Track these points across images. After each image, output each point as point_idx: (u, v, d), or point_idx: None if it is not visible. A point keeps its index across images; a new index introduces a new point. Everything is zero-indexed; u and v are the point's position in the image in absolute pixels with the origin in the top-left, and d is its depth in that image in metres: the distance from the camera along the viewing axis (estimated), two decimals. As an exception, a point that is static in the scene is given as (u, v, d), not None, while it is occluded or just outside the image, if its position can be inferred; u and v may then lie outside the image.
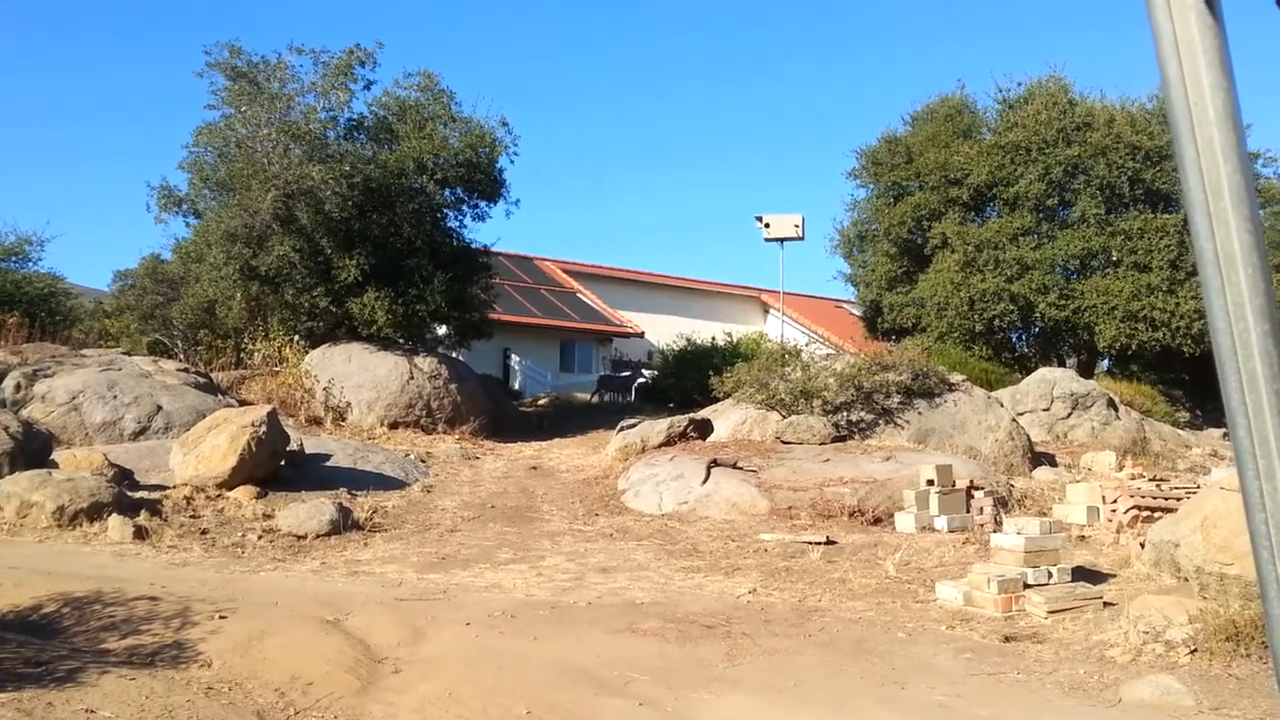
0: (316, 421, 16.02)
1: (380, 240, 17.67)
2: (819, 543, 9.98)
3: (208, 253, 17.73)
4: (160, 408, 14.32)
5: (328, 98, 17.53)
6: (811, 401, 15.14)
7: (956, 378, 16.15)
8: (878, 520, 11.02)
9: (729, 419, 15.54)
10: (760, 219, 23.67)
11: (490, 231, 56.92)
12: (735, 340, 25.37)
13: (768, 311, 34.23)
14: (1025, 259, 21.93)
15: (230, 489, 11.10)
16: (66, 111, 79.33)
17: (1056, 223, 23.05)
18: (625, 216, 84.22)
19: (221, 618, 6.42)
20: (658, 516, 11.60)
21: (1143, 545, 8.49)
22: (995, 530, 9.22)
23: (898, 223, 23.81)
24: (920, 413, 15.15)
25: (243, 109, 17.27)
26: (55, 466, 10.84)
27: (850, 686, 5.78)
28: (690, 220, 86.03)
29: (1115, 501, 10.15)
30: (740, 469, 12.65)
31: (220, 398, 15.52)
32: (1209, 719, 5.20)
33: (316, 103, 17.54)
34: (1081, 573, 8.01)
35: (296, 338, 18.15)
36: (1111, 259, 22.12)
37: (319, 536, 9.95)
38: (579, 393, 26.00)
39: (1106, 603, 7.43)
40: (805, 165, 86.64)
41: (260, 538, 9.78)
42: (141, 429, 13.92)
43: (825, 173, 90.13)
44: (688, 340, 25.55)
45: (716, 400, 17.07)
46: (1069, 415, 17.23)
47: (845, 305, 33.79)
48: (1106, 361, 24.17)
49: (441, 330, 20.62)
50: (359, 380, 16.80)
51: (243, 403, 15.17)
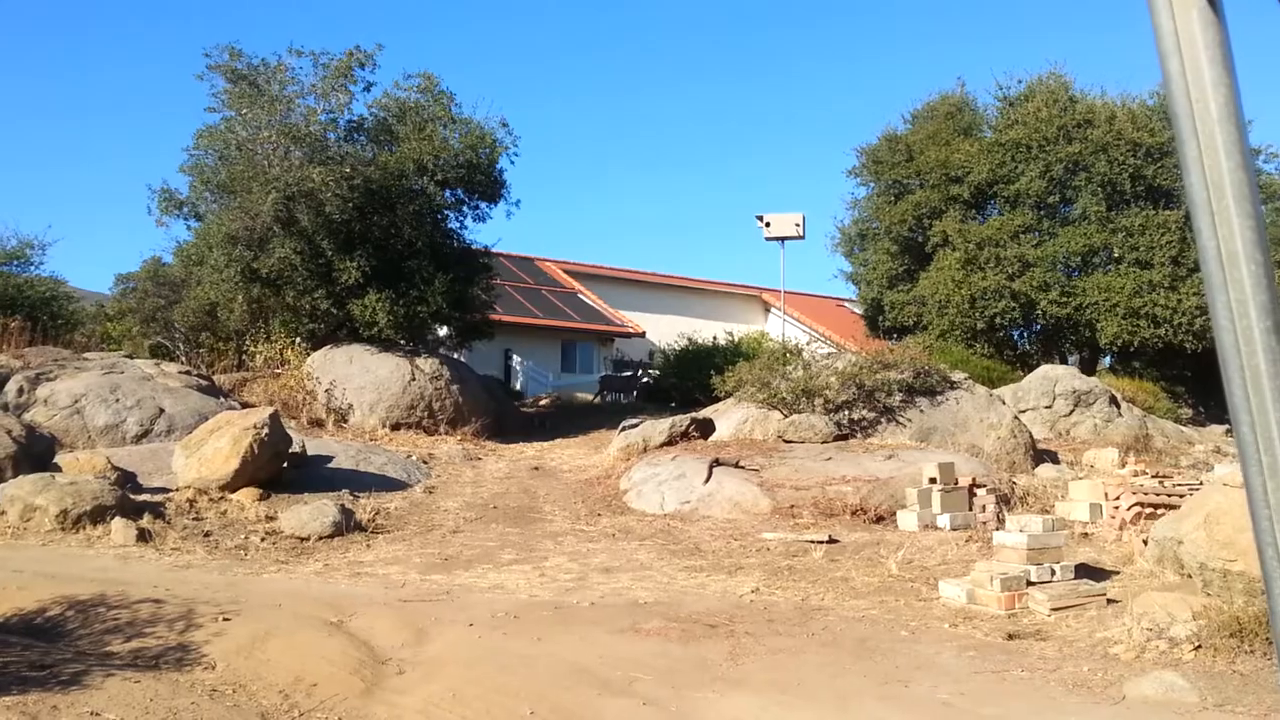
0: (318, 423, 16.03)
1: (381, 242, 17.68)
2: (821, 541, 9.98)
3: (209, 255, 17.75)
4: (162, 410, 14.34)
5: (328, 100, 17.55)
6: (813, 400, 15.15)
7: (958, 376, 16.14)
8: (880, 519, 11.01)
9: (731, 418, 15.54)
10: (761, 218, 23.68)
11: (491, 232, 57.08)
12: (736, 339, 25.39)
13: (769, 310, 34.22)
14: (1026, 256, 21.91)
15: (233, 491, 11.12)
16: (67, 113, 79.49)
17: (1058, 220, 23.03)
18: (626, 216, 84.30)
19: (225, 620, 6.43)
20: (660, 516, 11.60)
21: (1146, 542, 8.48)
22: (998, 528, 9.22)
23: (899, 221, 23.79)
24: (922, 411, 15.15)
25: (243, 111, 17.29)
26: (58, 470, 10.86)
27: (853, 685, 5.78)
28: (691, 220, 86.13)
29: (1118, 499, 10.14)
30: (742, 468, 12.65)
31: (222, 400, 15.54)
32: (1213, 715, 5.20)
33: (317, 105, 17.57)
34: (1085, 570, 8.01)
35: (298, 340, 18.16)
36: (1113, 256, 22.10)
37: (322, 538, 9.96)
38: (580, 393, 26.00)
39: (1110, 600, 7.43)
40: (806, 164, 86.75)
41: (263, 540, 9.79)
42: (144, 432, 13.94)
43: (826, 171, 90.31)
44: (689, 340, 25.57)
45: (718, 400, 17.07)
46: (1071, 412, 17.22)
47: (846, 304, 33.79)
48: (1108, 358, 24.15)
49: (443, 331, 20.64)
50: (361, 382, 16.82)
51: (245, 405, 15.19)
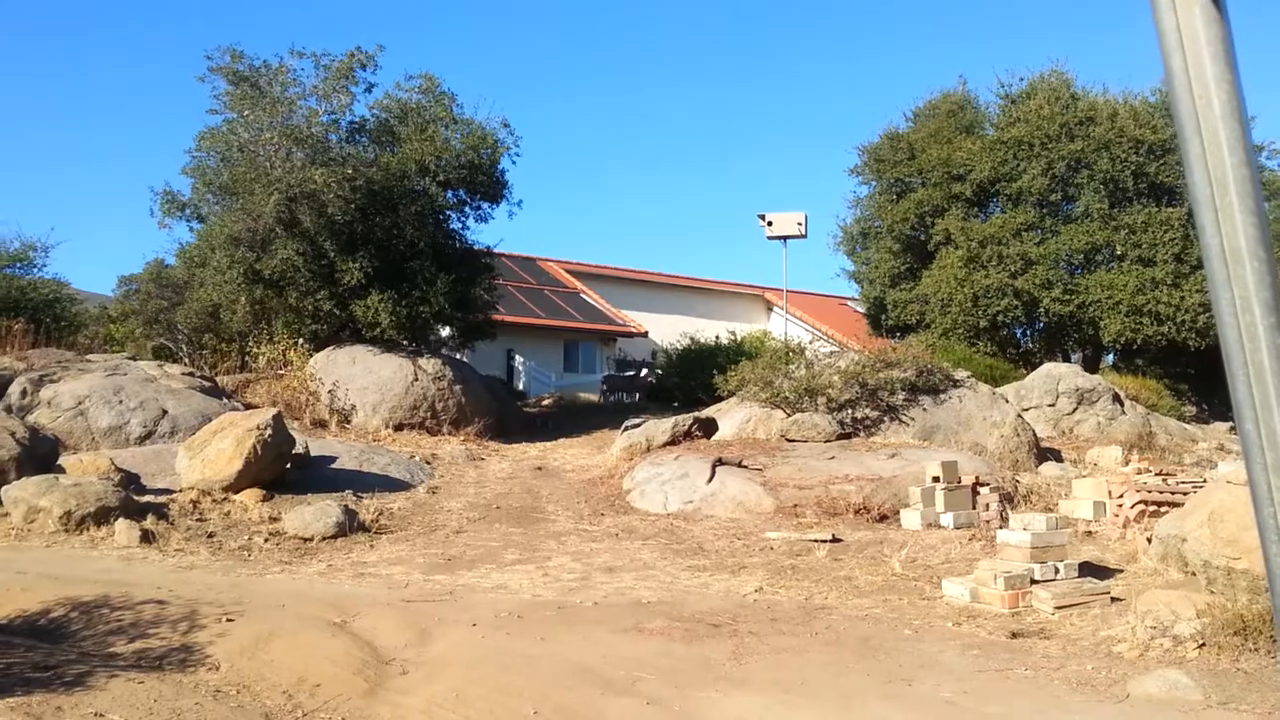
0: (321, 424, 16.05)
1: (383, 243, 17.69)
2: (825, 540, 9.97)
3: (211, 257, 17.77)
4: (166, 412, 14.36)
5: (329, 101, 17.57)
6: (816, 399, 15.14)
7: (961, 374, 16.12)
8: (883, 517, 11.00)
9: (734, 418, 15.54)
10: (763, 217, 23.70)
11: (493, 233, 57.02)
12: (739, 339, 25.37)
13: (771, 309, 34.19)
14: (1029, 254, 21.88)
15: (236, 492, 11.12)
16: (68, 113, 79.57)
17: (1060, 218, 22.99)
18: (628, 216, 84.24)
19: (229, 621, 6.44)
20: (663, 516, 11.60)
21: (1150, 540, 8.47)
22: (1001, 526, 9.21)
23: (901, 219, 23.77)
24: (925, 409, 15.14)
25: (245, 113, 17.31)
26: (62, 471, 10.88)
27: (857, 684, 5.77)
28: (693, 219, 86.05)
29: (1122, 496, 10.12)
30: (745, 467, 12.64)
31: (225, 401, 15.55)
32: (1217, 713, 5.19)
33: (318, 106, 17.59)
34: (1088, 568, 8.00)
35: (301, 341, 18.17)
36: (1115, 253, 22.07)
37: (325, 539, 9.96)
38: (583, 393, 25.99)
39: (1114, 598, 7.42)
40: (807, 163, 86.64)
41: (266, 540, 9.80)
42: (147, 433, 13.96)
43: (828, 170, 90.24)
44: (692, 339, 25.55)
45: (721, 399, 17.07)
46: (1074, 410, 17.20)
47: (849, 302, 33.77)
48: (1111, 356, 24.11)
49: (445, 332, 20.64)
50: (363, 382, 16.83)
51: (248, 406, 15.20)
